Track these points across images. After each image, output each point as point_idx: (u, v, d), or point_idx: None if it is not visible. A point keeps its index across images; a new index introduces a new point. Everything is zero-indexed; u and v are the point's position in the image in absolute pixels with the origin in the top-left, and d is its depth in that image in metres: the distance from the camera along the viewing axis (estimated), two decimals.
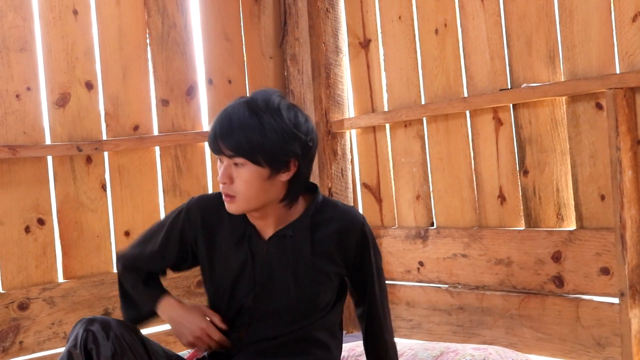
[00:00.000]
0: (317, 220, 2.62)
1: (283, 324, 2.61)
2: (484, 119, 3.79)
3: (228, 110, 2.51)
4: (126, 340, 2.51)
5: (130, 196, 3.96)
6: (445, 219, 4.01)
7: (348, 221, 2.65)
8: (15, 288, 3.65)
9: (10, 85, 3.66)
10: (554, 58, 3.53)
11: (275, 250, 2.59)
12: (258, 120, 2.46)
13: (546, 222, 3.60)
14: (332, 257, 2.62)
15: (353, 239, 2.64)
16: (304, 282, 2.59)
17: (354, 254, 2.65)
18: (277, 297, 2.60)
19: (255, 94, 2.54)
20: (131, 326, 2.60)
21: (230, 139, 2.45)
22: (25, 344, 3.63)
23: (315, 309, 2.64)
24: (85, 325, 2.49)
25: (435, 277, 4.04)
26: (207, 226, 2.67)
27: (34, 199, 3.71)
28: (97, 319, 2.52)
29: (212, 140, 2.48)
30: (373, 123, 4.25)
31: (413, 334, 4.14)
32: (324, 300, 2.65)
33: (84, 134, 3.84)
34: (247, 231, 2.62)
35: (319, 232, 2.61)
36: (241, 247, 2.61)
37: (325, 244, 2.61)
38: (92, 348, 2.44)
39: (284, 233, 2.59)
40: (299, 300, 2.60)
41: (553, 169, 3.57)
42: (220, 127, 2.47)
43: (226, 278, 2.64)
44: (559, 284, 3.54)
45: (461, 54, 3.87)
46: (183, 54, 4.14)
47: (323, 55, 4.39)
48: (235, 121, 2.46)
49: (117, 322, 2.55)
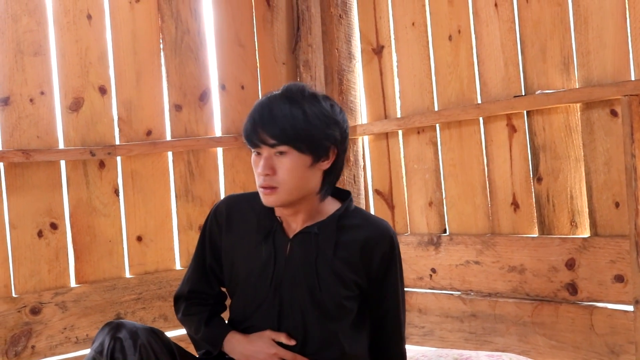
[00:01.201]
0: (345, 225, 2.61)
1: (311, 322, 2.58)
2: (497, 126, 3.78)
3: (264, 102, 2.50)
4: (154, 349, 2.50)
5: (142, 201, 3.96)
6: (458, 225, 3.99)
7: (377, 231, 2.63)
8: (28, 292, 3.65)
9: (24, 89, 3.66)
10: (569, 65, 3.52)
11: (298, 248, 2.58)
12: (299, 107, 2.47)
13: (560, 230, 3.59)
14: (355, 265, 2.59)
15: (380, 250, 2.61)
16: (326, 281, 2.57)
17: (378, 267, 2.61)
18: (300, 294, 2.57)
19: (288, 86, 2.54)
20: (159, 333, 2.59)
21: (274, 126, 2.44)
22: (38, 348, 3.63)
23: (341, 311, 2.59)
24: (113, 332, 2.48)
25: (448, 284, 4.02)
26: (232, 222, 2.68)
27: (47, 204, 3.71)
28: (125, 325, 2.51)
29: (252, 130, 2.47)
30: (386, 129, 4.24)
31: (425, 341, 4.12)
32: (348, 305, 2.61)
33: (97, 139, 3.84)
34: (273, 228, 2.61)
35: (345, 237, 2.59)
36: (266, 244, 2.60)
37: (348, 250, 2.58)
38: (119, 357, 2.44)
39: (309, 230, 2.58)
40: (323, 298, 2.57)
41: (567, 176, 3.55)
42: (261, 116, 2.46)
43: (248, 274, 2.62)
44: (573, 291, 3.52)
45: (475, 60, 3.86)
46: (196, 60, 4.14)
47: (336, 62, 4.38)
48: (276, 109, 2.46)
49: (144, 329, 2.54)
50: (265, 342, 2.58)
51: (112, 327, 2.50)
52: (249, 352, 2.59)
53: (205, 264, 2.75)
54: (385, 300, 2.67)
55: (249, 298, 2.64)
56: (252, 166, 2.53)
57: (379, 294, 2.66)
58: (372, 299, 2.67)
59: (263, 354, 2.57)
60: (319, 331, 2.58)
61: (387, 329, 2.71)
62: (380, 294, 2.66)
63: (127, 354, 2.44)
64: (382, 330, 2.71)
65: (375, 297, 2.66)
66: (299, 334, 2.58)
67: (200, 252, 2.77)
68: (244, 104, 4.25)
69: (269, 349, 2.57)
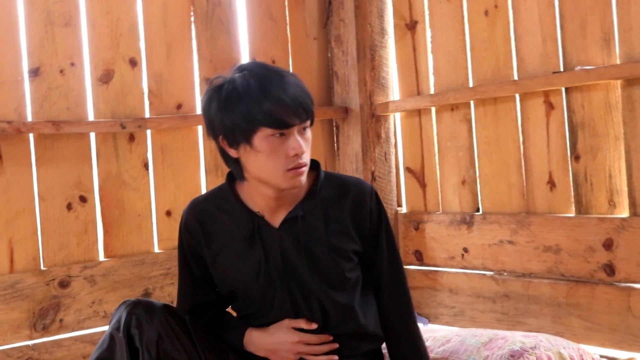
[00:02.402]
0: (327, 196, 2.53)
1: (327, 303, 2.53)
2: (534, 103, 3.70)
3: (266, 79, 2.35)
4: (171, 326, 2.45)
5: (172, 175, 3.90)
6: (492, 204, 3.92)
7: (358, 191, 2.56)
8: (57, 265, 3.60)
9: (54, 60, 3.61)
10: (609, 41, 3.44)
11: (289, 236, 2.50)
12: (293, 76, 2.42)
13: (597, 209, 3.52)
14: (348, 233, 2.53)
15: (366, 208, 2.55)
16: (326, 261, 2.50)
17: (368, 224, 2.55)
18: (306, 280, 2.51)
19: (255, 64, 2.45)
20: (177, 311, 2.54)
21: (306, 101, 2.37)
22: (66, 322, 3.59)
23: (348, 284, 2.54)
24: (130, 308, 2.43)
25: (480, 263, 3.96)
26: (209, 233, 2.58)
27: (76, 176, 3.66)
28: (142, 302, 2.46)
29: (287, 108, 2.33)
30: (419, 106, 4.17)
31: (456, 321, 4.07)
32: (353, 276, 2.55)
33: (127, 112, 3.78)
34: (255, 224, 2.52)
35: (331, 209, 2.52)
36: (253, 243, 2.51)
37: (338, 221, 2.52)
38: (135, 333, 2.39)
39: (294, 215, 2.50)
40: (328, 277, 2.51)
41: (606, 154, 3.48)
42: (292, 94, 2.34)
43: (247, 281, 2.54)
44: (610, 272, 3.46)
45: (512, 36, 3.79)
46: (227, 33, 4.08)
47: (368, 37, 4.31)
48: (292, 84, 2.37)
49: (162, 306, 2.49)
50: (286, 332, 2.53)
51: (128, 304, 2.45)
52: (273, 346, 2.54)
53: (195, 277, 2.67)
54: (381, 254, 2.60)
55: (257, 302, 2.57)
56: (272, 151, 2.36)
57: (374, 251, 2.60)
58: (369, 259, 2.60)
59: (287, 345, 2.52)
60: (334, 309, 2.53)
61: (391, 286, 2.63)
62: (375, 249, 2.60)
63: (144, 329, 2.39)
64: (386, 290, 2.63)
65: (371, 256, 2.60)
66: (318, 318, 2.54)
67: (186, 269, 2.69)
68: None
69: (292, 337, 2.52)
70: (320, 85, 4.42)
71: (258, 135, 2.35)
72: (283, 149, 2.36)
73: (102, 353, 2.41)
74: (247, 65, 2.45)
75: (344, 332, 2.56)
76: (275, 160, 2.37)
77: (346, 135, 4.36)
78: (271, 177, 2.41)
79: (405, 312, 2.64)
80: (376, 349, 2.68)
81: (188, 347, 2.47)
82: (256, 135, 2.35)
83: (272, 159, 2.37)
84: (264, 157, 2.37)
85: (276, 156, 2.37)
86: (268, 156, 2.37)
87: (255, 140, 2.36)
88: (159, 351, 2.39)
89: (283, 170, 2.38)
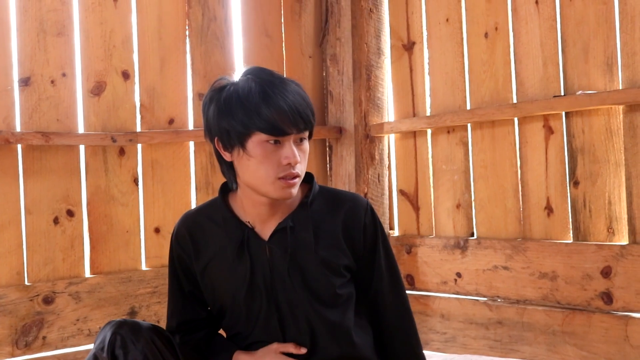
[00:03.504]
0: (318, 209, 2.45)
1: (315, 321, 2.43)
2: (533, 127, 3.65)
3: (268, 85, 2.29)
4: (157, 347, 2.36)
5: (162, 192, 3.82)
6: (487, 229, 3.86)
7: (352, 205, 2.47)
8: (41, 281, 3.51)
9: (45, 70, 3.53)
10: (612, 65, 3.39)
11: (277, 248, 2.41)
12: (299, 87, 2.35)
13: (596, 236, 3.46)
14: (340, 248, 2.43)
15: (359, 223, 2.45)
16: (316, 275, 2.40)
17: (362, 240, 2.46)
18: (295, 296, 2.41)
19: (257, 69, 2.39)
20: (163, 331, 2.45)
21: (306, 110, 2.31)
22: (49, 339, 3.49)
23: (340, 301, 2.44)
24: (115, 328, 2.34)
25: (474, 289, 3.89)
26: (199, 245, 2.50)
27: (64, 190, 3.57)
28: (127, 322, 2.37)
29: (285, 116, 2.26)
30: (415, 128, 4.11)
31: (447, 347, 3.99)
32: (345, 293, 2.45)
33: (118, 125, 3.70)
34: (244, 236, 2.43)
35: (322, 222, 2.43)
36: (242, 255, 2.42)
37: (329, 234, 2.43)
38: (120, 353, 2.30)
39: (284, 226, 2.41)
40: (318, 293, 2.41)
41: (606, 180, 3.42)
42: (291, 101, 2.28)
43: (234, 294, 2.45)
44: (608, 300, 3.40)
45: (512, 59, 3.74)
46: (222, 48, 4.01)
47: (364, 57, 4.25)
48: (293, 92, 2.31)
49: (149, 326, 2.40)
50: (273, 357, 2.42)
51: (113, 324, 2.36)
52: None
53: (185, 293, 2.58)
54: (379, 272, 2.50)
55: (243, 316, 2.47)
56: (264, 157, 2.30)
57: (370, 269, 2.49)
58: (365, 278, 2.50)
59: None
60: (325, 328, 2.43)
61: (394, 306, 2.52)
62: (372, 268, 2.49)
63: (129, 349, 2.30)
64: (389, 311, 2.52)
65: (367, 274, 2.50)
66: (306, 336, 2.43)
67: (175, 283, 2.59)
68: None
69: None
70: (314, 104, 4.26)
71: (252, 140, 2.29)
72: (276, 156, 2.30)
73: None
74: (252, 69, 2.39)
75: (335, 353, 2.44)
76: (267, 166, 2.30)
77: (339, 155, 4.29)
78: (261, 184, 2.33)
79: (411, 334, 2.55)
80: None
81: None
82: (251, 139, 2.29)
83: (264, 165, 2.30)
84: (256, 162, 2.31)
85: (268, 163, 2.30)
86: (260, 162, 2.30)
87: (249, 145, 2.30)
88: None
89: (274, 177, 2.30)
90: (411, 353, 2.54)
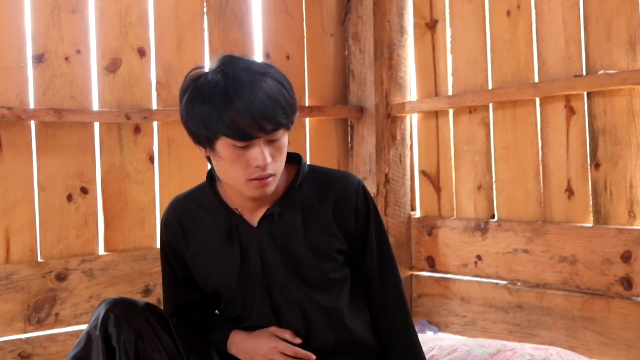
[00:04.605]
0: (307, 192, 2.38)
1: (309, 306, 2.38)
2: (554, 107, 3.56)
3: (237, 82, 2.15)
4: (152, 325, 2.33)
5: (178, 170, 3.79)
6: (508, 211, 3.78)
7: (342, 185, 2.39)
8: (54, 258, 3.50)
9: (59, 46, 3.51)
10: (635, 44, 3.29)
11: (266, 235, 2.36)
12: (276, 80, 2.22)
13: (617, 220, 3.37)
14: (330, 232, 2.37)
15: (350, 204, 2.38)
16: (306, 262, 2.35)
17: (354, 221, 2.38)
18: (286, 282, 2.36)
19: (229, 58, 2.27)
20: (159, 310, 2.41)
21: (276, 111, 2.17)
22: (61, 316, 3.49)
23: (332, 286, 2.39)
24: (109, 306, 2.30)
25: (494, 272, 3.82)
26: (188, 232, 2.46)
27: (78, 167, 3.56)
28: (122, 300, 2.34)
29: (252, 121, 2.14)
30: (436, 107, 4.04)
31: (466, 330, 3.93)
32: (337, 277, 2.40)
33: (133, 102, 3.68)
34: (233, 222, 2.38)
35: (311, 205, 2.36)
36: (231, 243, 2.37)
37: (319, 218, 2.36)
38: (113, 331, 2.27)
39: (272, 212, 2.35)
40: (309, 279, 2.36)
41: (627, 162, 3.33)
42: (259, 104, 2.14)
43: (226, 282, 2.41)
44: (627, 285, 3.31)
45: (534, 37, 3.64)
46: (241, 26, 3.96)
47: (387, 35, 4.18)
48: (265, 89, 2.16)
49: (144, 304, 2.36)
50: (266, 337, 2.39)
51: (108, 302, 2.32)
52: (251, 348, 2.40)
53: (179, 278, 2.53)
54: (371, 254, 2.43)
55: (238, 303, 2.43)
56: (233, 160, 2.20)
57: (362, 250, 2.43)
58: (358, 259, 2.44)
59: (263, 349, 2.38)
60: (318, 313, 2.38)
61: (383, 289, 2.45)
62: (364, 249, 2.43)
63: (122, 327, 2.26)
64: (378, 294, 2.46)
65: (360, 255, 2.44)
66: (300, 322, 2.39)
67: (169, 270, 2.55)
68: (288, 74, 3.88)
69: (269, 343, 2.37)
70: (336, 83, 4.29)
71: (220, 142, 2.21)
72: (245, 158, 2.21)
73: (79, 352, 2.29)
74: (226, 60, 2.26)
75: (330, 338, 2.40)
76: (236, 168, 2.22)
77: (360, 135, 4.23)
78: (235, 185, 2.28)
79: (400, 318, 2.48)
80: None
81: (170, 348, 2.34)
82: (218, 141, 2.21)
83: (233, 167, 2.22)
84: (225, 164, 2.24)
85: (237, 165, 2.21)
86: (229, 164, 2.23)
87: (218, 147, 2.22)
88: (137, 351, 2.26)
89: (245, 179, 2.23)
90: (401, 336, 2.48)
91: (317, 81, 4.22)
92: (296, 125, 4.07)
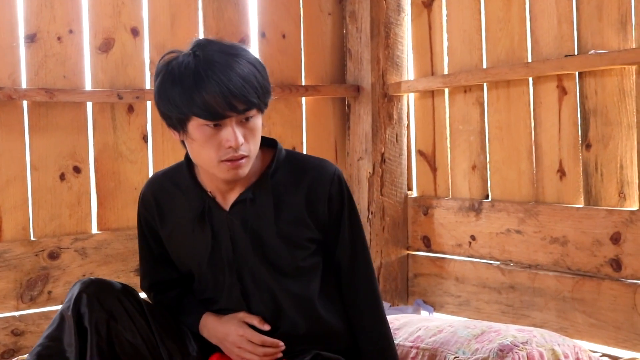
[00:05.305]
0: (281, 179, 2.37)
1: (279, 293, 2.39)
2: (547, 87, 3.54)
3: (208, 63, 2.17)
4: (124, 306, 2.35)
5: (172, 149, 3.79)
6: (501, 192, 3.77)
7: (317, 174, 2.38)
8: (47, 236, 3.54)
9: (52, 26, 3.52)
10: (626, 24, 3.26)
11: (238, 220, 2.36)
12: (249, 62, 2.22)
13: (607, 201, 3.35)
14: (302, 220, 2.37)
15: (324, 192, 2.37)
16: (277, 249, 2.36)
17: (327, 212, 2.38)
18: (256, 268, 2.37)
19: (204, 41, 2.27)
20: (133, 292, 2.43)
21: (248, 90, 2.18)
22: (54, 294, 3.53)
23: (302, 273, 2.40)
24: (83, 286, 2.32)
25: (487, 252, 3.81)
26: (164, 211, 2.47)
27: (70, 146, 3.58)
28: (96, 280, 2.36)
29: (222, 100, 2.15)
30: (431, 87, 4.02)
31: (461, 310, 3.94)
32: (308, 265, 2.41)
33: (126, 82, 3.69)
34: (205, 205, 2.38)
35: (284, 193, 2.36)
36: (203, 225, 2.38)
37: (292, 206, 2.36)
38: (85, 312, 2.28)
39: (244, 197, 2.35)
40: (280, 265, 2.37)
41: (618, 143, 3.30)
42: (228, 81, 2.15)
43: (199, 263, 2.43)
44: (617, 267, 3.30)
45: (527, 16, 3.62)
46: (236, 5, 3.96)
47: (384, 14, 4.16)
48: (237, 69, 2.18)
49: (120, 286, 2.39)
50: (235, 323, 2.40)
51: (82, 282, 2.34)
52: (221, 335, 2.42)
53: (155, 255, 2.55)
54: (343, 245, 2.43)
55: (210, 284, 2.45)
56: (205, 141, 2.21)
57: (335, 241, 2.43)
58: (330, 248, 2.44)
59: (232, 337, 2.39)
60: (289, 299, 2.39)
61: (354, 280, 2.45)
62: (336, 240, 2.42)
63: (94, 308, 2.28)
64: (349, 285, 2.46)
65: (332, 245, 2.44)
66: (270, 308, 2.40)
67: (145, 246, 2.57)
68: (284, 54, 4.07)
69: (237, 330, 2.38)
70: (333, 62, 4.28)
71: (192, 124, 2.22)
72: (217, 139, 2.21)
73: (52, 332, 2.32)
74: (201, 42, 2.28)
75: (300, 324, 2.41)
76: (208, 150, 2.22)
77: (357, 114, 4.22)
78: (208, 167, 2.29)
79: (370, 309, 2.47)
80: (348, 348, 2.49)
81: (143, 329, 2.36)
82: (190, 123, 2.22)
83: (205, 148, 2.23)
84: (198, 145, 2.24)
85: (209, 146, 2.22)
86: (202, 145, 2.23)
87: (190, 128, 2.23)
88: (109, 331, 2.29)
89: (217, 161, 2.23)
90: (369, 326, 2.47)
91: (314, 60, 4.21)
92: (293, 105, 4.11)
